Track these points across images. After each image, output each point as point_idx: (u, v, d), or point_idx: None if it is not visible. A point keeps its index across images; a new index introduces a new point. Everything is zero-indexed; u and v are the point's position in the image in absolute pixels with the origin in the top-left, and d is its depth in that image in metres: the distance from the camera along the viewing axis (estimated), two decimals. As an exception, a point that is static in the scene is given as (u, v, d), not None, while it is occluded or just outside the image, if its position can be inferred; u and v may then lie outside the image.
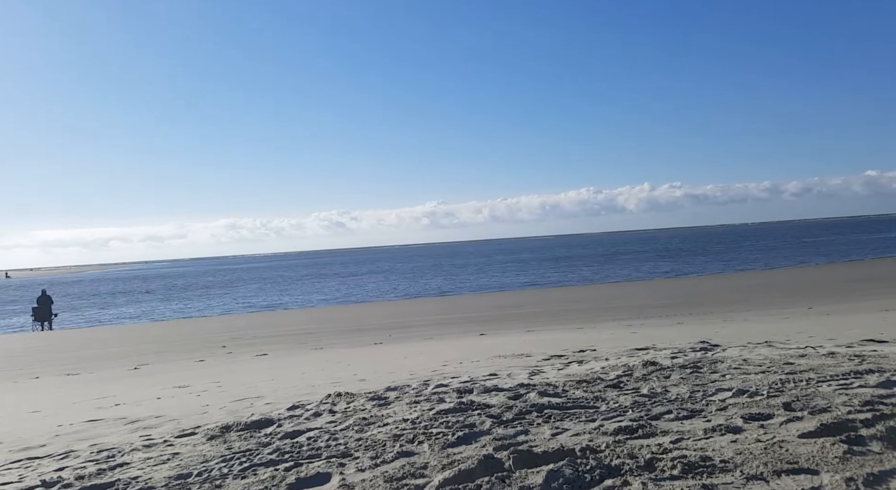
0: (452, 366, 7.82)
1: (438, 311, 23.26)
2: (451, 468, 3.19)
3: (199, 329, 22.43)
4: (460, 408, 4.69)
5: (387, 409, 4.97)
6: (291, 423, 4.81)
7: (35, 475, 3.91)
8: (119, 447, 4.55)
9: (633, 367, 6.17)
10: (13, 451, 4.73)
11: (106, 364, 13.16)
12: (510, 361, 7.82)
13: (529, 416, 4.34)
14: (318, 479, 3.35)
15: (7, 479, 3.86)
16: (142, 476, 3.66)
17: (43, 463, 4.26)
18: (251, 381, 8.20)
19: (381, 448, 3.80)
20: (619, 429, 3.77)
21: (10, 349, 18.69)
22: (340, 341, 14.80)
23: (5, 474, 4.02)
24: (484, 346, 10.60)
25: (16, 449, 4.81)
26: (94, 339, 21.31)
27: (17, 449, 4.81)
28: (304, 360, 11.04)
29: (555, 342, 10.19)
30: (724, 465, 3.03)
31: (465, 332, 14.94)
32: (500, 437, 3.83)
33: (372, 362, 9.41)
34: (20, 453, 4.64)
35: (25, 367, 13.40)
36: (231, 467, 3.66)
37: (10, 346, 20.16)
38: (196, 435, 4.74)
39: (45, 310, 28.05)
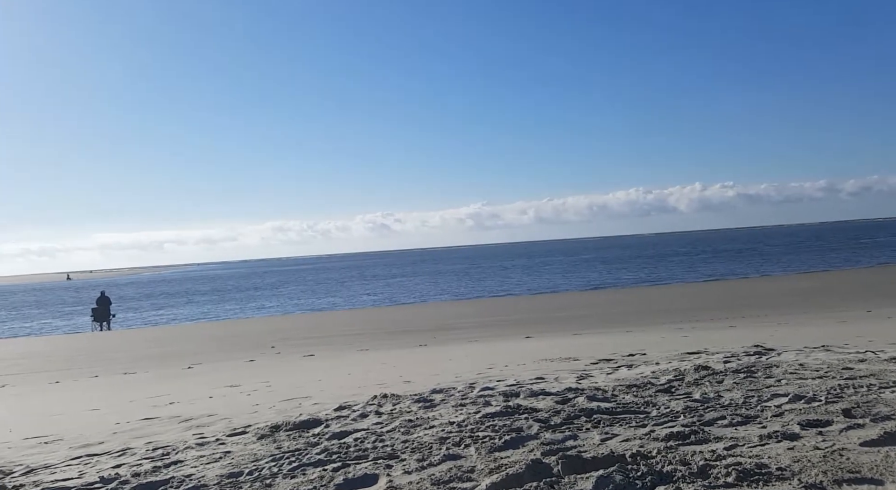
0: (498, 369, 7.78)
1: (483, 314, 23.21)
2: (499, 472, 3.16)
3: (249, 330, 22.92)
4: (507, 412, 4.65)
5: (432, 411, 4.97)
6: (339, 423, 4.85)
7: (94, 472, 4.04)
8: (173, 445, 4.67)
9: (685, 371, 6.03)
10: (73, 448, 4.90)
11: (161, 363, 13.57)
12: (557, 365, 7.74)
13: (578, 420, 4.28)
14: (366, 480, 3.36)
15: (67, 475, 4.00)
16: (195, 474, 3.74)
17: (101, 460, 4.40)
18: (299, 382, 8.33)
19: (428, 450, 3.79)
20: (671, 434, 3.68)
21: (72, 349, 19.45)
22: (385, 343, 14.91)
23: (66, 470, 4.17)
24: (530, 349, 10.52)
25: (76, 446, 4.99)
26: (149, 339, 22.00)
27: (77, 446, 4.99)
28: (350, 361, 11.16)
29: (603, 345, 10.04)
30: (780, 473, 2.92)
31: (511, 334, 14.86)
32: (549, 441, 3.78)
33: (417, 364, 9.44)
34: (80, 450, 4.80)
35: (85, 367, 13.92)
36: (281, 467, 3.71)
37: (72, 345, 20.98)
38: (247, 434, 4.83)
39: (103, 311, 29.06)
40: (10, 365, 15.05)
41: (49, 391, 10.15)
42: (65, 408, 7.67)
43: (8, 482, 3.91)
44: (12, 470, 4.23)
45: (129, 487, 3.57)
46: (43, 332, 30.42)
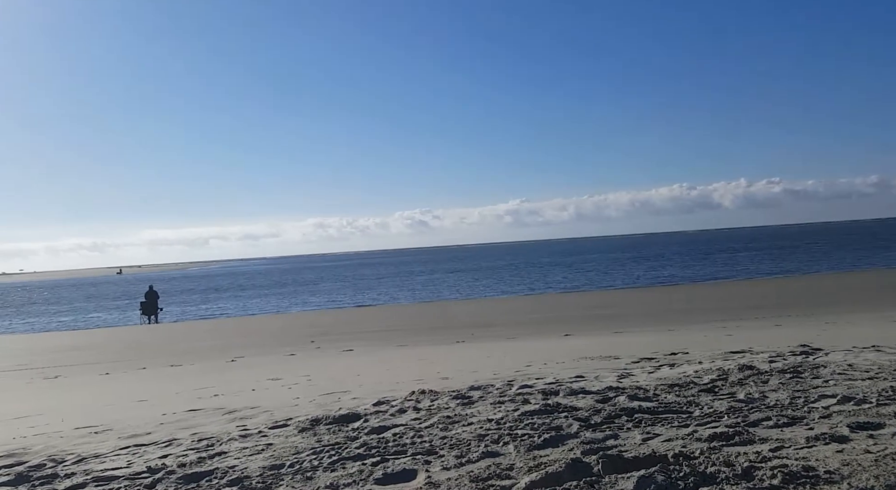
0: (537, 366, 7.74)
1: (522, 311, 23.12)
2: (538, 471, 3.15)
3: (290, 324, 23.28)
4: (546, 410, 4.62)
5: (470, 408, 4.97)
6: (377, 418, 4.89)
7: (141, 461, 4.16)
8: (217, 436, 4.77)
9: (729, 371, 5.90)
10: (122, 438, 5.05)
11: (205, 356, 13.88)
12: (597, 363, 7.66)
13: (619, 420, 4.23)
14: (405, 475, 3.38)
15: (116, 465, 4.13)
16: (238, 465, 3.82)
17: (148, 450, 4.53)
18: (338, 376, 8.43)
19: (466, 447, 3.79)
20: (714, 435, 3.61)
21: (121, 341, 20.05)
22: (423, 339, 14.96)
23: (115, 460, 4.30)
24: (569, 347, 10.44)
25: (124, 436, 5.14)
26: (194, 332, 22.54)
27: (125, 436, 5.14)
28: (388, 356, 11.23)
29: (644, 344, 9.90)
30: (829, 477, 2.84)
31: (550, 332, 14.76)
32: (589, 440, 3.74)
33: (454, 360, 9.45)
34: (128, 440, 4.94)
35: (134, 359, 14.33)
36: (321, 460, 3.76)
37: (121, 338, 21.63)
38: (288, 427, 4.91)
39: (151, 304, 29.84)
40: (63, 357, 15.60)
41: (99, 382, 10.48)
42: (114, 399, 7.91)
43: (60, 470, 4.05)
44: (64, 459, 4.38)
45: (175, 478, 3.66)
46: (95, 325, 31.44)
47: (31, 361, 14.71)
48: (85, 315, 38.92)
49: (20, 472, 4.02)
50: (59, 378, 11.43)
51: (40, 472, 4.01)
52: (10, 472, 4.05)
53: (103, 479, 3.77)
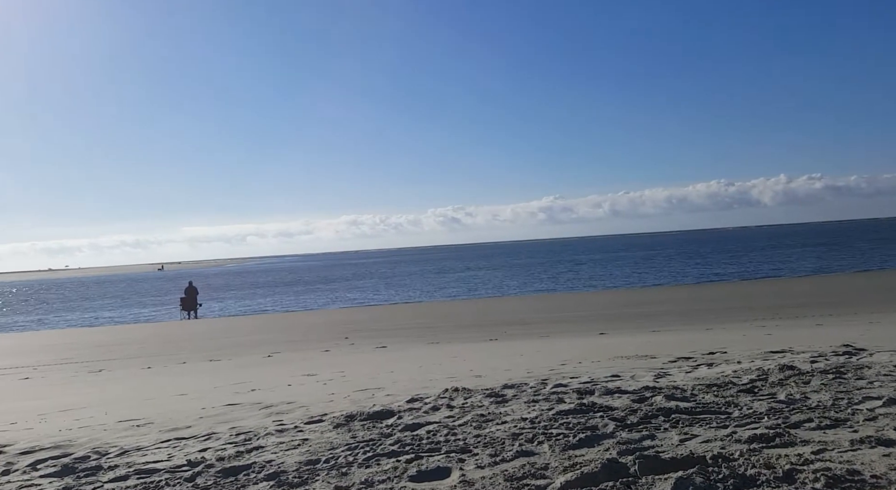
0: (571, 365, 7.68)
1: (556, 309, 22.97)
2: (573, 470, 3.12)
3: (324, 321, 23.54)
4: (581, 409, 4.59)
5: (504, 406, 4.96)
6: (411, 415, 4.91)
7: (182, 455, 4.25)
8: (255, 431, 4.85)
9: (769, 371, 5.78)
10: (163, 431, 5.17)
11: (243, 351, 14.12)
12: (633, 363, 7.57)
13: (656, 420, 4.17)
14: (439, 473, 3.39)
15: (157, 458, 4.22)
16: (275, 460, 3.88)
17: (188, 443, 4.62)
18: (372, 373, 8.48)
19: (500, 446, 3.79)
20: (754, 436, 3.53)
21: (162, 335, 20.53)
22: (456, 336, 14.98)
23: (156, 453, 4.40)
24: (604, 345, 10.34)
25: (165, 429, 5.26)
26: (232, 327, 22.94)
27: (166, 429, 5.25)
28: (421, 353, 11.27)
29: (681, 343, 9.75)
30: (875, 481, 2.76)
31: (585, 330, 14.64)
32: (625, 441, 3.70)
33: (488, 358, 9.43)
34: (169, 433, 5.06)
35: (174, 353, 14.66)
36: (356, 456, 3.79)
37: (162, 332, 22.14)
38: (323, 422, 4.96)
39: (191, 300, 30.47)
40: (107, 351, 16.04)
41: (141, 376, 10.75)
42: (155, 392, 8.10)
43: (104, 462, 4.16)
44: (108, 451, 4.50)
45: (214, 471, 3.73)
46: (137, 320, 32.25)
47: (77, 356, 15.15)
48: (128, 310, 39.96)
49: (66, 464, 4.15)
50: (102, 372, 11.75)
51: (85, 464, 4.12)
52: (56, 464, 4.17)
53: (145, 471, 3.86)
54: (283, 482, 3.41)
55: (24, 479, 3.88)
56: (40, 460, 4.31)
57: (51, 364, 13.65)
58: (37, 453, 4.54)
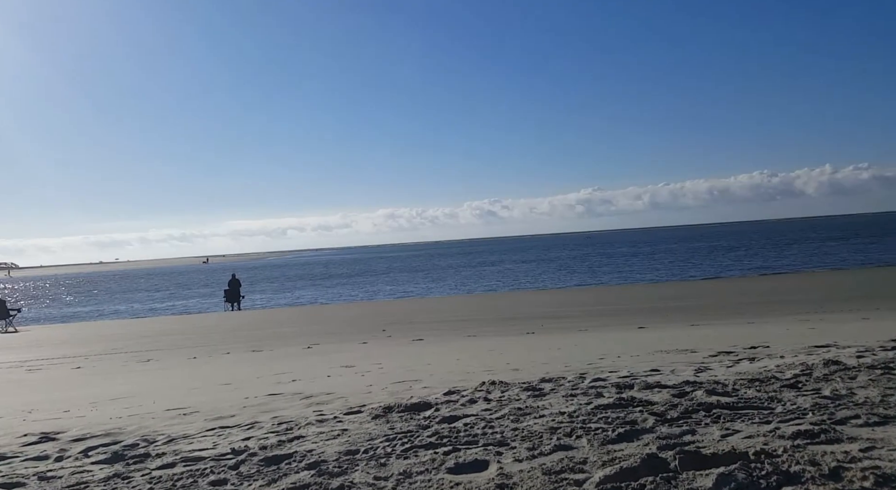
0: (610, 359, 7.62)
1: (594, 302, 22.76)
2: (612, 465, 3.11)
3: (361, 313, 23.77)
4: (620, 403, 4.55)
5: (542, 400, 4.95)
6: (448, 408, 4.94)
7: (226, 443, 4.36)
8: (296, 421, 4.94)
9: (813, 365, 5.64)
10: (208, 420, 5.31)
11: (284, 342, 14.37)
12: (673, 357, 7.47)
13: (696, 415, 4.12)
14: (476, 465, 3.41)
15: (203, 446, 4.34)
16: (316, 449, 3.95)
17: (232, 432, 4.74)
18: (409, 365, 8.55)
19: (538, 439, 3.78)
20: (798, 432, 3.46)
21: (207, 327, 21.01)
22: (493, 329, 14.97)
23: (202, 441, 4.52)
24: (644, 339, 10.22)
25: (210, 418, 5.40)
26: (273, 319, 23.36)
27: (211, 418, 5.39)
28: (458, 346, 11.30)
29: (722, 337, 9.57)
30: (928, 482, 2.68)
31: (623, 324, 14.47)
32: (665, 435, 3.66)
33: (525, 352, 9.41)
34: (214, 422, 5.19)
35: (219, 344, 14.99)
36: (394, 447, 3.84)
37: (207, 323, 22.66)
38: (362, 413, 5.03)
39: (234, 292, 31.11)
40: (154, 341, 16.50)
41: (187, 366, 11.03)
42: (201, 382, 8.31)
43: (152, 450, 4.30)
44: (155, 439, 4.64)
45: (257, 460, 3.81)
46: (183, 311, 33.09)
47: (127, 346, 15.63)
48: (174, 302, 41.03)
49: (116, 451, 4.30)
50: (150, 362, 12.09)
51: (134, 452, 4.26)
52: (106, 451, 4.33)
53: (191, 459, 3.97)
54: (324, 471, 3.47)
55: (77, 466, 4.03)
56: (91, 447, 4.47)
57: (101, 354, 14.11)
58: (88, 440, 4.71)
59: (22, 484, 3.67)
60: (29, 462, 4.19)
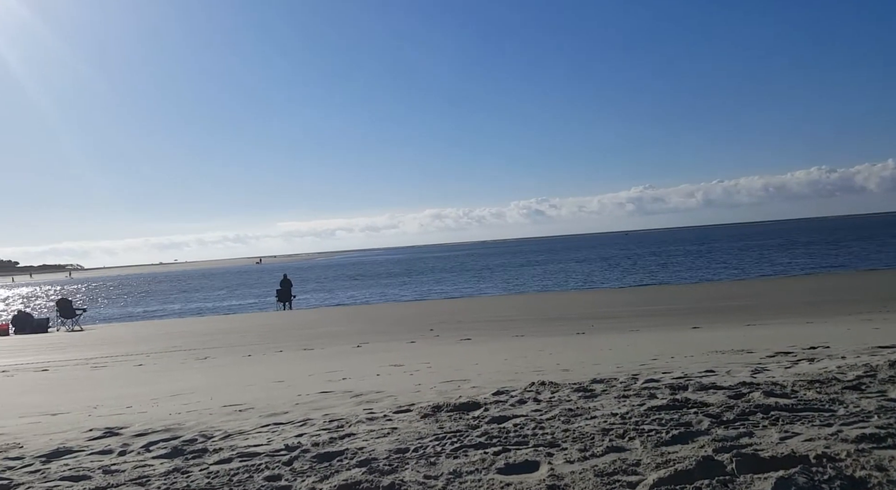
0: (663, 360, 7.47)
1: (645, 302, 22.35)
2: (666, 467, 3.05)
3: (409, 312, 23.93)
4: (674, 405, 4.45)
5: (593, 401, 4.89)
6: (497, 408, 4.92)
7: (280, 439, 4.45)
8: (347, 418, 5.01)
9: (877, 367, 5.41)
10: (262, 416, 5.43)
11: (334, 341, 14.59)
12: (728, 357, 7.27)
13: (753, 417, 4.00)
14: (527, 466, 3.39)
15: (258, 442, 4.44)
16: (366, 447, 4.00)
17: (286, 429, 4.83)
18: (457, 364, 8.55)
19: (590, 441, 3.74)
20: (863, 436, 3.32)
21: (261, 326, 21.51)
22: (541, 329, 14.86)
23: (257, 437, 4.63)
24: (697, 339, 9.99)
25: (265, 414, 5.52)
26: (324, 318, 23.74)
27: (265, 414, 5.51)
28: (506, 346, 11.26)
29: (780, 337, 9.28)
30: None
31: (676, 324, 14.17)
32: (721, 438, 3.57)
33: (575, 352, 9.31)
34: (268, 418, 5.30)
35: (272, 342, 15.33)
36: (444, 446, 3.85)
37: (260, 322, 23.20)
38: (411, 412, 5.06)
39: (286, 292, 31.76)
40: (211, 339, 16.98)
41: (242, 363, 11.31)
42: (255, 379, 8.50)
43: (209, 445, 4.42)
44: (213, 434, 4.77)
45: (310, 456, 3.88)
46: (238, 310, 33.96)
47: (185, 343, 16.13)
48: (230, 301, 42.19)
49: (175, 446, 4.43)
50: (207, 359, 12.44)
51: (192, 447, 4.39)
52: (167, 446, 4.47)
53: (247, 454, 4.07)
54: (375, 469, 3.51)
55: (139, 460, 4.17)
56: (153, 442, 4.62)
57: (162, 351, 14.59)
58: (149, 435, 4.87)
59: (88, 477, 3.82)
60: (94, 456, 4.36)
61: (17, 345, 19.18)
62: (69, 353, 15.57)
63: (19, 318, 25.60)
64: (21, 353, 16.37)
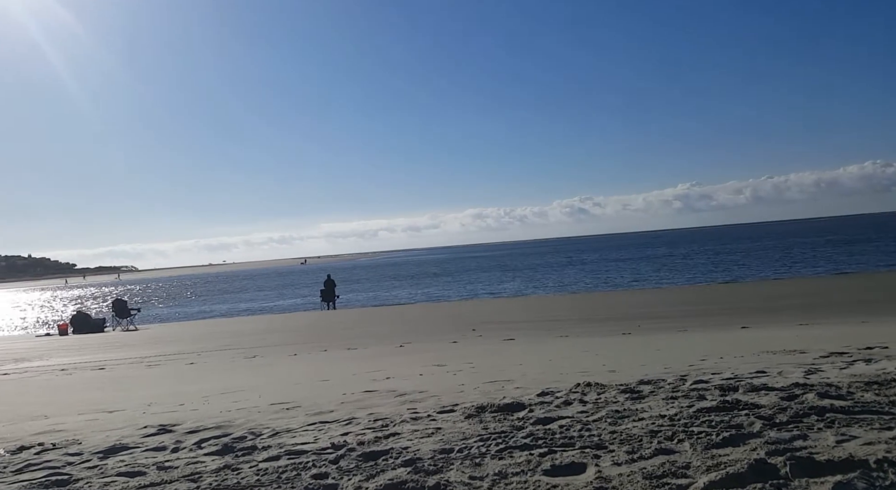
0: (712, 360, 7.30)
1: (693, 301, 21.90)
2: (717, 470, 2.98)
3: (452, 312, 23.96)
4: (724, 406, 4.35)
5: (641, 403, 4.81)
6: (542, 409, 4.89)
7: (326, 437, 4.51)
8: (391, 418, 5.04)
9: (943, 370, 5.18)
10: (309, 415, 5.51)
11: (377, 341, 14.72)
12: (780, 358, 7.07)
13: (808, 419, 3.88)
14: (573, 468, 3.35)
15: (305, 440, 4.51)
16: (411, 447, 4.02)
17: (331, 427, 4.90)
18: (500, 365, 8.52)
19: (638, 443, 3.68)
20: (927, 443, 3.19)
21: (306, 325, 21.86)
22: (586, 330, 14.70)
23: (304, 435, 4.70)
24: (747, 339, 9.73)
25: (311, 413, 5.60)
26: (367, 318, 23.97)
27: (311, 413, 5.59)
28: (550, 347, 11.17)
29: (834, 337, 8.97)
30: None
31: (725, 324, 13.85)
32: (773, 440, 3.47)
33: (621, 353, 9.18)
34: (314, 417, 5.38)
35: (317, 342, 15.55)
36: (488, 447, 3.84)
37: (305, 322, 23.57)
38: (455, 412, 5.06)
39: (330, 292, 32.19)
40: (258, 339, 17.33)
41: (289, 362, 11.51)
42: (301, 378, 8.64)
43: (258, 443, 4.51)
44: (261, 432, 4.87)
45: (355, 455, 3.92)
46: (284, 310, 34.60)
47: (234, 343, 16.50)
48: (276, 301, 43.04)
49: (226, 443, 4.54)
50: (255, 358, 12.70)
51: (242, 444, 4.49)
52: (218, 443, 4.58)
53: (294, 452, 4.13)
54: (420, 469, 3.52)
55: (191, 457, 4.28)
56: (204, 439, 4.74)
57: (212, 350, 14.96)
58: (201, 433, 5.00)
59: (142, 473, 3.93)
60: (148, 452, 4.49)
61: (76, 344, 19.92)
62: (124, 351, 16.10)
63: (78, 319, 26.58)
64: (79, 352, 17.00)
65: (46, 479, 3.90)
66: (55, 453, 4.58)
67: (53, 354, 16.47)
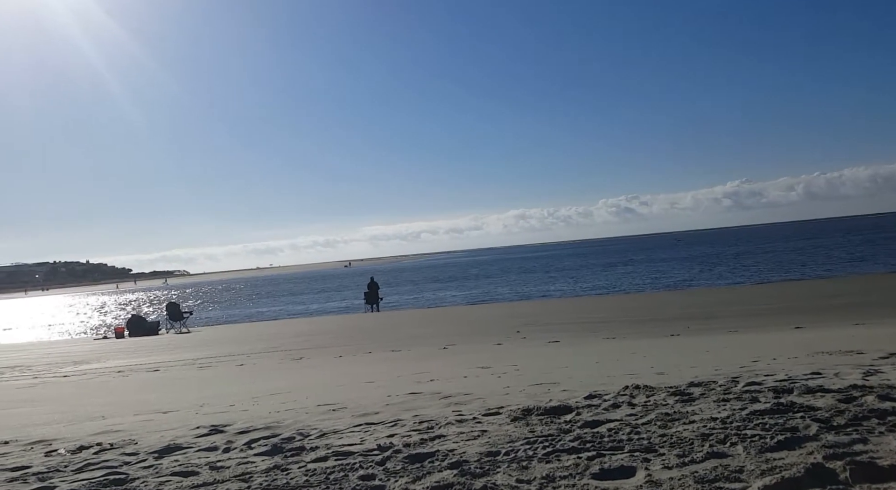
0: (765, 362, 7.10)
1: (744, 301, 21.35)
2: (772, 474, 2.89)
3: (495, 314, 23.90)
4: (778, 409, 4.22)
5: (691, 405, 4.71)
6: (590, 412, 4.83)
7: (372, 439, 4.55)
8: (436, 420, 5.05)
9: None
10: (355, 416, 5.56)
11: (421, 342, 14.78)
12: (836, 359, 6.82)
13: (867, 422, 3.73)
14: (623, 471, 3.30)
15: (351, 441, 4.56)
16: (457, 449, 4.01)
17: (377, 429, 4.93)
18: (546, 367, 8.45)
19: (689, 446, 3.60)
20: None
21: (350, 327, 22.11)
22: (633, 331, 14.47)
23: (350, 436, 4.75)
24: (801, 340, 9.43)
25: (357, 414, 5.65)
26: (411, 320, 24.10)
27: (357, 414, 5.65)
28: (596, 348, 11.03)
29: (893, 337, 8.62)
30: None
31: (778, 324, 13.45)
32: (831, 444, 3.35)
33: (670, 355, 9.01)
34: (360, 418, 5.43)
35: (361, 343, 15.72)
36: (535, 450, 3.81)
37: (350, 324, 23.85)
38: (500, 415, 5.04)
39: (373, 294, 32.49)
40: (304, 341, 17.61)
41: (334, 364, 11.66)
42: (347, 379, 8.74)
43: (306, 443, 4.57)
44: (309, 433, 4.94)
45: (402, 457, 3.94)
46: (328, 312, 35.09)
47: (282, 344, 16.81)
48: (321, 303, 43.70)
49: (275, 444, 4.62)
50: (302, 360, 12.91)
51: (290, 445, 4.56)
52: (267, 443, 4.66)
53: (341, 453, 4.18)
54: (466, 472, 3.52)
55: (242, 457, 4.37)
56: (254, 440, 4.83)
57: (261, 352, 15.27)
58: (251, 433, 5.10)
59: (195, 473, 4.03)
60: (201, 452, 4.60)
61: (131, 347, 20.59)
62: (177, 353, 16.56)
63: (133, 322, 27.48)
64: (135, 354, 17.57)
65: (105, 478, 4.03)
66: (113, 453, 4.73)
67: (111, 357, 17.05)
